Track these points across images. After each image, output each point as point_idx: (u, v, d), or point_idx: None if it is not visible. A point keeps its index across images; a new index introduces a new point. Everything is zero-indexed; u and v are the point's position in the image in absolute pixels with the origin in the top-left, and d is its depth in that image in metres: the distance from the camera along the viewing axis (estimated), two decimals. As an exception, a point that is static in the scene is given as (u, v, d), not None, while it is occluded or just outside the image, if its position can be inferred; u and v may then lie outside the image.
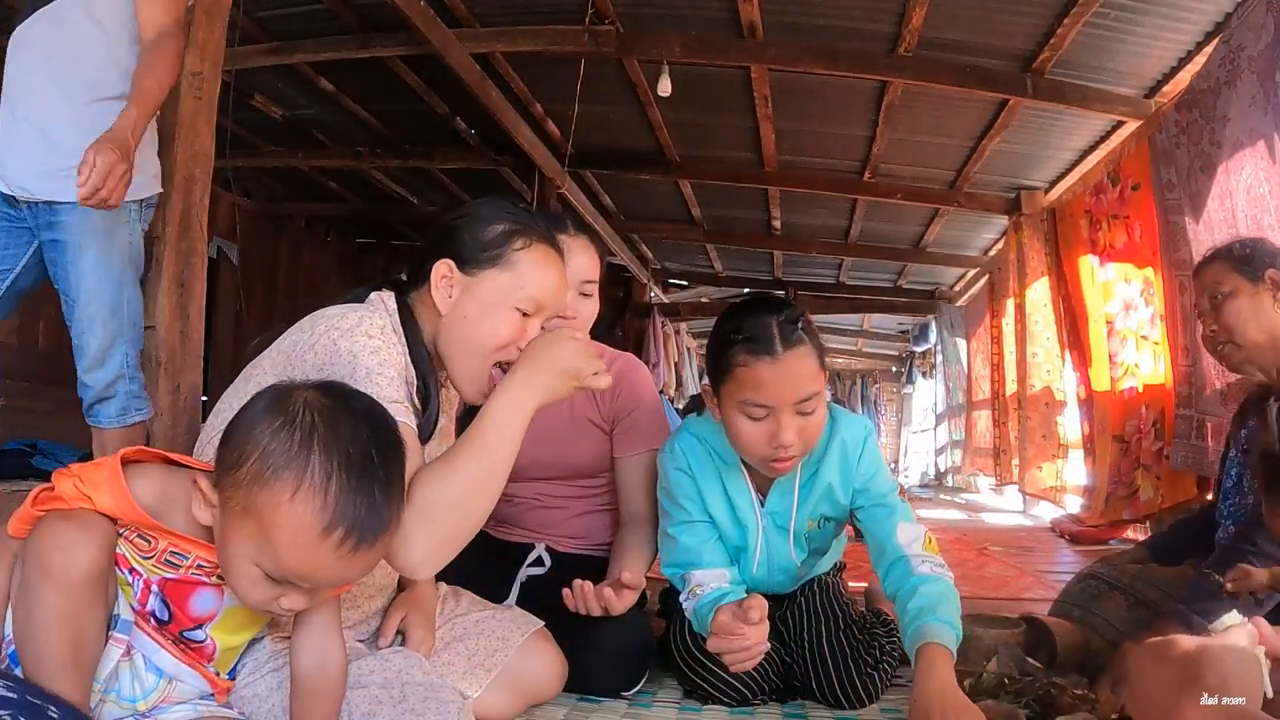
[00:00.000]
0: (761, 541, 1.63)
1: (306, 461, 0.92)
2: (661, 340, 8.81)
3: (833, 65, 3.90)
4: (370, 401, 1.02)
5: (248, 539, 0.93)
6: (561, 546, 1.84)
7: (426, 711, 1.15)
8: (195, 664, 1.05)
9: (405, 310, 1.28)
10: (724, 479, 1.62)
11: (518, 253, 1.27)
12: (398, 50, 4.00)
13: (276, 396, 0.97)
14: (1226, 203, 3.07)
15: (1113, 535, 4.41)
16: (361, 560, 0.95)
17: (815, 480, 1.61)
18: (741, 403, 1.44)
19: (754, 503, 1.63)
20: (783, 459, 1.46)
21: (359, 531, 0.93)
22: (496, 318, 1.26)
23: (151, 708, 1.02)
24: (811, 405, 1.44)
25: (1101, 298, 4.51)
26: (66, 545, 0.91)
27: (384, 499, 0.95)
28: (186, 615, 1.03)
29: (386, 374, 1.15)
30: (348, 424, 0.95)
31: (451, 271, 1.26)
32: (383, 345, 1.18)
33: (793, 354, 1.41)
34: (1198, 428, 3.41)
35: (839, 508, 1.63)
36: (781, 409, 1.41)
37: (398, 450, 1.00)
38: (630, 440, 1.78)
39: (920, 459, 12.51)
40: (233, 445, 0.95)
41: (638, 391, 1.80)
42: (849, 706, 1.56)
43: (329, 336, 1.16)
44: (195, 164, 2.19)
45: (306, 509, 0.91)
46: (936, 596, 1.40)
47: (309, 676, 1.06)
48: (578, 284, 1.67)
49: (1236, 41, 2.88)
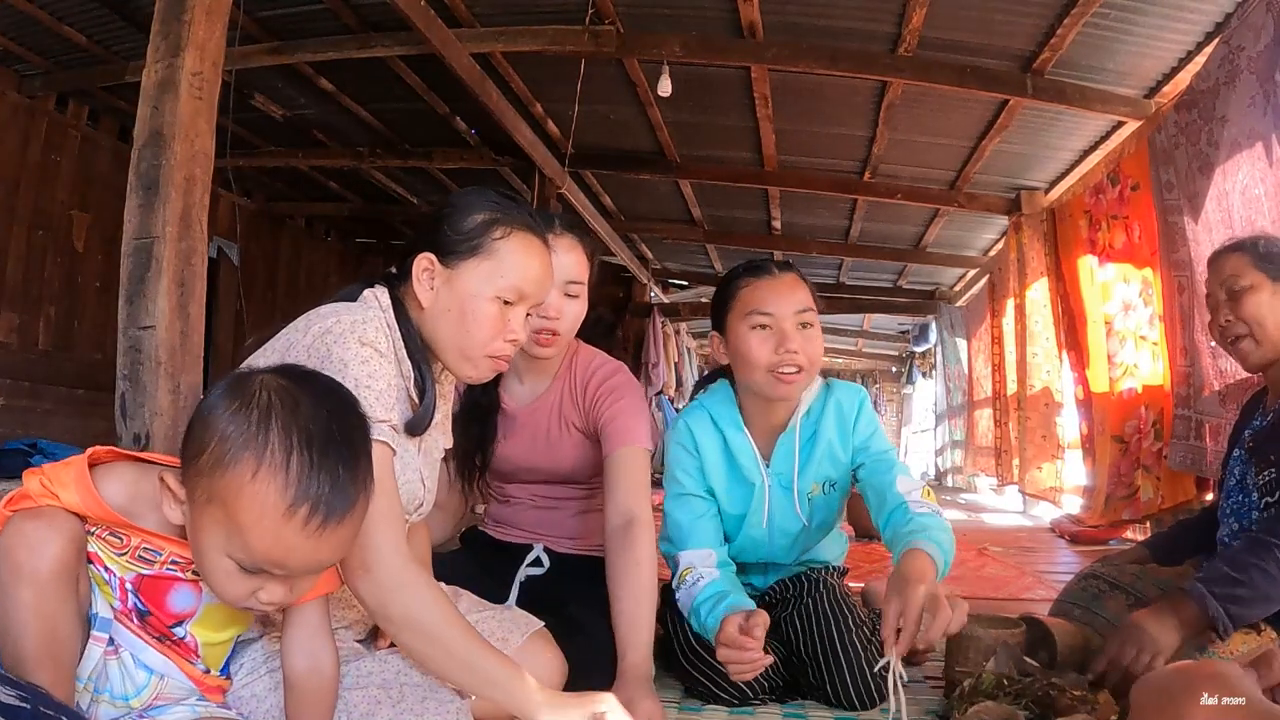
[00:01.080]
0: (767, 500, 1.68)
1: (266, 440, 0.91)
2: (661, 340, 8.81)
3: (833, 65, 3.90)
4: (331, 382, 1.01)
5: (216, 528, 0.92)
6: (559, 547, 1.84)
7: (425, 712, 1.15)
8: (180, 660, 1.05)
9: (398, 305, 1.27)
10: (729, 443, 1.70)
11: (497, 241, 1.26)
12: (398, 50, 4.00)
13: (234, 382, 0.96)
14: (1224, 203, 3.07)
15: (1113, 535, 4.41)
16: (331, 540, 0.94)
17: (815, 440, 1.68)
18: (747, 316, 1.60)
19: (758, 463, 1.69)
20: (788, 373, 1.58)
21: (325, 508, 0.92)
22: (478, 308, 1.24)
23: (146, 706, 1.02)
24: (810, 318, 1.62)
25: (1100, 298, 4.51)
26: (33, 542, 0.91)
27: (349, 476, 0.94)
28: (165, 612, 1.03)
29: (375, 387, 1.15)
30: (307, 402, 0.95)
31: (433, 264, 1.25)
32: (373, 355, 1.17)
33: (788, 275, 1.65)
34: (1196, 428, 3.41)
35: (841, 467, 1.69)
36: (784, 318, 1.60)
37: (361, 429, 0.99)
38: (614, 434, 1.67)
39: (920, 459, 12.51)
40: (193, 435, 0.95)
41: (618, 391, 1.73)
42: (861, 707, 1.56)
43: (323, 341, 1.15)
44: (195, 164, 2.19)
45: (269, 488, 0.90)
46: (932, 525, 1.47)
47: (302, 677, 1.07)
48: (562, 284, 1.65)
49: (1236, 42, 2.88)
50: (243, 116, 4.55)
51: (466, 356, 1.27)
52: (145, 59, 2.19)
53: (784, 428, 1.71)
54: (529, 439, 1.80)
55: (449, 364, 1.29)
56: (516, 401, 1.82)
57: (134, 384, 2.09)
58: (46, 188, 4.75)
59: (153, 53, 2.18)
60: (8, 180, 4.51)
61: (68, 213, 4.88)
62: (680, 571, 1.64)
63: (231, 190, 5.39)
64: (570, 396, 1.78)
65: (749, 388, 1.68)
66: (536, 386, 1.81)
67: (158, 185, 2.13)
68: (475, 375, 1.29)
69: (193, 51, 2.17)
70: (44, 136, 4.71)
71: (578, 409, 1.77)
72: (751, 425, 1.72)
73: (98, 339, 5.06)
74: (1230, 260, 1.69)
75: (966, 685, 1.44)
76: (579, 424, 1.77)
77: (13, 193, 4.54)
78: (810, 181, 5.65)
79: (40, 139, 4.69)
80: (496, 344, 1.26)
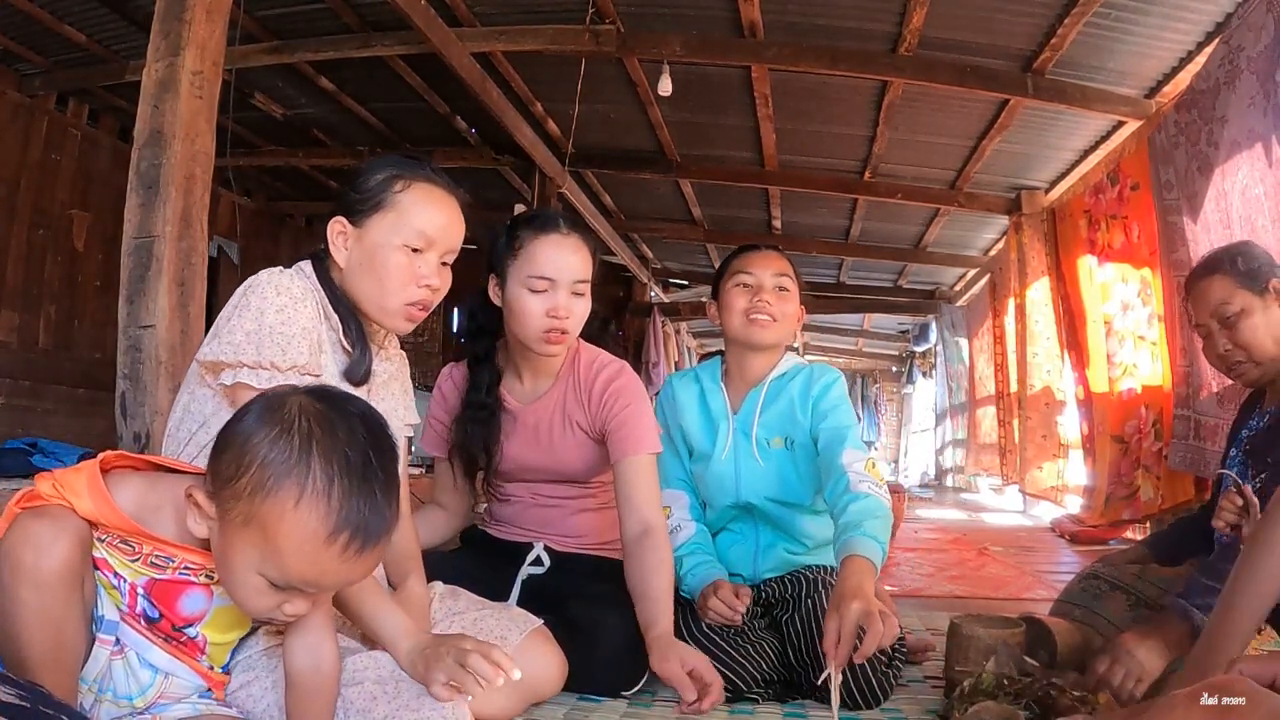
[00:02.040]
0: (730, 438, 1.89)
1: (308, 468, 0.92)
2: (661, 340, 8.81)
3: (833, 65, 3.90)
4: (362, 405, 1.02)
5: (251, 549, 0.93)
6: (560, 546, 1.84)
7: (421, 707, 1.16)
8: (188, 659, 1.05)
9: (322, 272, 1.35)
10: (707, 397, 1.95)
11: (398, 194, 1.32)
12: (398, 49, 4.00)
13: (269, 406, 0.97)
14: (1222, 204, 3.07)
15: (1113, 535, 4.41)
16: (365, 561, 0.96)
17: (777, 399, 1.89)
18: (735, 274, 1.90)
19: (727, 410, 1.93)
20: (760, 319, 1.85)
21: (364, 534, 0.93)
22: (387, 258, 1.31)
23: (149, 704, 1.03)
24: (786, 284, 1.89)
25: (1100, 298, 4.51)
26: (38, 543, 0.90)
27: (385, 499, 0.96)
28: (176, 615, 1.03)
29: (288, 332, 1.22)
30: (344, 427, 0.96)
31: (344, 226, 1.33)
32: (289, 303, 1.24)
33: (773, 252, 1.95)
34: (1196, 428, 3.41)
35: (800, 428, 1.85)
36: (763, 278, 1.88)
37: (393, 449, 1.01)
38: (625, 443, 1.70)
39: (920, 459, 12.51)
40: (229, 457, 0.94)
41: (624, 396, 1.74)
42: (864, 706, 1.56)
43: (244, 294, 1.24)
44: (195, 163, 2.19)
45: (311, 515, 0.91)
46: (865, 513, 1.59)
47: (304, 675, 1.07)
48: (570, 283, 1.66)
49: (1236, 42, 2.88)
50: (243, 116, 4.56)
51: (384, 307, 1.33)
52: (145, 58, 2.19)
53: (757, 384, 1.92)
54: (531, 437, 1.80)
55: (372, 317, 1.36)
56: (519, 400, 1.82)
57: (134, 383, 2.09)
58: (46, 187, 4.74)
59: (153, 52, 2.18)
60: (8, 180, 4.50)
61: (68, 212, 4.88)
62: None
63: (232, 189, 5.38)
64: (574, 395, 1.78)
65: (732, 339, 1.92)
66: (539, 385, 1.81)
67: (158, 184, 2.13)
68: (396, 325, 1.36)
69: (193, 51, 2.17)
70: (44, 136, 4.71)
71: (583, 409, 1.77)
72: (731, 382, 1.96)
73: (98, 338, 5.06)
74: (1214, 286, 1.66)
75: (966, 685, 1.44)
76: (583, 424, 1.77)
77: (13, 192, 4.54)
78: (810, 181, 5.65)
79: (40, 138, 4.69)
80: (410, 290, 1.33)
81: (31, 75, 4.54)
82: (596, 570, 1.79)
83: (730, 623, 1.65)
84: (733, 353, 1.96)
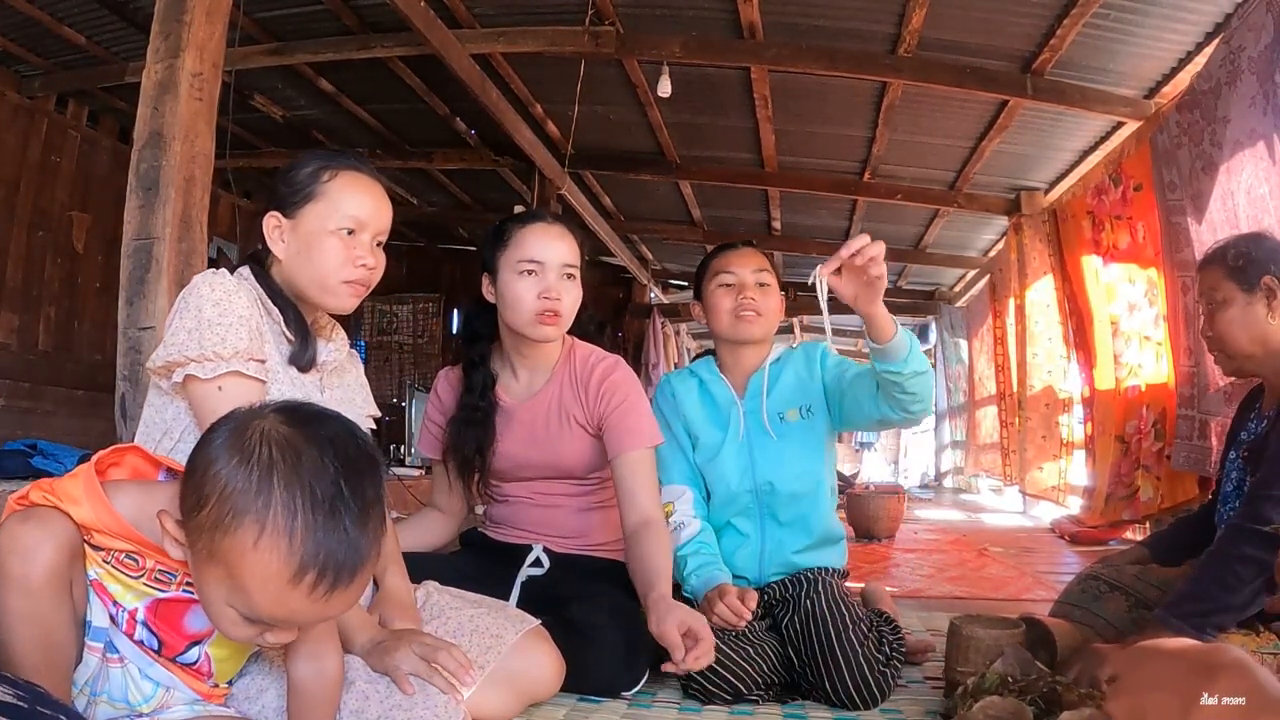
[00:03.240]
0: (742, 421, 1.92)
1: (267, 503, 0.85)
2: (661, 341, 8.80)
3: (832, 66, 3.90)
4: (340, 424, 0.95)
5: (218, 584, 0.88)
6: (559, 547, 1.83)
7: (414, 707, 1.15)
8: (191, 679, 1.04)
9: (261, 270, 1.40)
10: (705, 384, 1.98)
11: (326, 184, 1.38)
12: (398, 51, 4.00)
13: (234, 429, 0.90)
14: (1228, 203, 3.07)
15: (1112, 536, 4.40)
16: (341, 599, 0.89)
17: (780, 377, 1.94)
18: (717, 275, 1.93)
19: (733, 396, 1.96)
20: (747, 315, 1.89)
21: (333, 573, 0.86)
22: (321, 242, 1.36)
23: (154, 709, 1.03)
24: (766, 279, 1.93)
25: (1105, 298, 4.51)
26: (23, 548, 0.89)
27: (359, 530, 0.88)
28: (181, 634, 1.01)
29: (226, 322, 1.25)
30: (311, 454, 0.88)
31: (279, 220, 1.38)
32: (225, 296, 1.27)
33: (749, 249, 1.99)
34: (1200, 428, 3.41)
35: (813, 392, 1.92)
36: (744, 276, 1.91)
37: (372, 472, 0.93)
38: (622, 438, 1.73)
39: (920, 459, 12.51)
40: (192, 485, 0.89)
41: (621, 389, 1.76)
42: (862, 706, 1.56)
43: (182, 297, 1.29)
44: (195, 164, 2.19)
45: (272, 556, 0.84)
46: None
47: (306, 680, 1.06)
48: (558, 265, 1.72)
49: (1236, 42, 2.88)
50: (243, 117, 4.56)
51: (324, 287, 1.38)
52: (145, 60, 2.19)
53: (755, 372, 1.96)
54: (528, 434, 1.80)
55: (315, 299, 1.40)
56: (514, 398, 1.83)
57: (134, 385, 2.09)
58: (46, 188, 4.75)
59: (153, 53, 2.18)
60: (8, 181, 4.51)
61: (67, 213, 4.88)
62: (662, 506, 1.79)
63: (231, 191, 5.39)
64: (571, 389, 1.80)
65: (722, 338, 1.96)
66: (535, 382, 1.83)
67: (158, 186, 2.13)
68: (339, 303, 1.40)
69: (193, 52, 2.17)
70: (44, 137, 4.72)
71: (579, 402, 1.78)
72: (729, 373, 1.99)
73: (98, 340, 5.06)
74: (1209, 272, 1.70)
75: (970, 684, 1.44)
76: (580, 418, 1.78)
77: (13, 193, 4.54)
78: (810, 182, 5.65)
79: (40, 139, 4.70)
80: (347, 270, 1.38)
81: (31, 76, 4.54)
82: (596, 571, 1.79)
83: (734, 627, 1.64)
84: (725, 349, 1.99)
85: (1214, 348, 1.72)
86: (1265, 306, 1.61)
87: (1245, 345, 1.64)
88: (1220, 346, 1.69)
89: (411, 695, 1.17)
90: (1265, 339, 1.62)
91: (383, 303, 7.99)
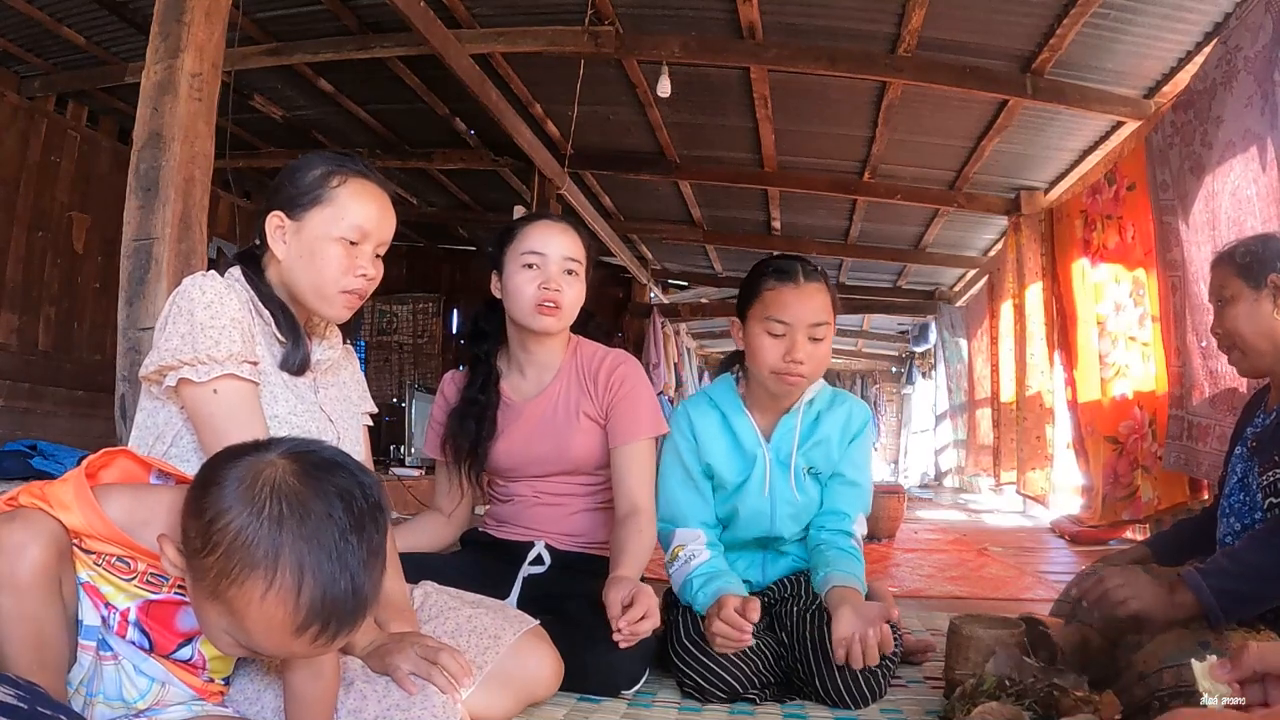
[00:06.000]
0: (768, 471, 1.78)
1: (276, 560, 0.86)
2: (661, 341, 8.80)
3: (832, 66, 3.90)
4: (345, 470, 0.94)
5: (220, 616, 0.89)
6: (560, 545, 1.84)
7: (411, 707, 1.15)
8: (186, 675, 1.04)
9: (255, 270, 1.40)
10: (728, 419, 1.81)
11: (335, 189, 1.37)
12: (397, 51, 4.00)
13: (242, 479, 0.89)
14: (1211, 204, 3.07)
15: (1112, 536, 4.41)
16: (341, 641, 0.92)
17: (817, 427, 1.80)
18: (765, 319, 1.70)
19: (759, 439, 1.80)
20: (792, 375, 1.69)
21: (336, 624, 0.89)
22: (325, 249, 1.36)
23: (149, 706, 1.03)
24: (822, 333, 1.70)
25: (1092, 298, 4.52)
26: (10, 548, 0.89)
27: (363, 579, 0.90)
28: (173, 632, 1.01)
29: (218, 324, 1.26)
30: (319, 507, 0.89)
31: (283, 220, 1.37)
32: (215, 299, 1.27)
33: (811, 285, 1.71)
34: (1189, 429, 3.41)
35: (829, 462, 1.80)
36: (798, 329, 1.68)
37: (378, 518, 0.94)
38: (623, 428, 1.78)
39: (920, 459, 12.50)
40: (197, 528, 0.89)
41: (629, 381, 1.81)
42: (854, 706, 1.56)
43: (173, 300, 1.29)
44: (195, 165, 2.19)
45: (278, 610, 0.86)
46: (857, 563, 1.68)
47: (303, 682, 1.06)
48: (560, 259, 1.76)
49: (1234, 42, 2.88)
50: (242, 117, 4.56)
51: (322, 295, 1.38)
52: (145, 60, 2.19)
53: (786, 412, 1.82)
54: (536, 430, 1.82)
55: (310, 305, 1.40)
56: (521, 395, 1.85)
57: (134, 385, 2.09)
58: (46, 189, 4.75)
59: (152, 54, 2.18)
60: (8, 181, 4.51)
61: (67, 214, 4.88)
62: (673, 548, 1.76)
63: (231, 191, 5.39)
64: (579, 384, 1.83)
65: (758, 382, 1.79)
66: (541, 379, 1.85)
67: (157, 186, 2.13)
68: (333, 313, 1.40)
69: (192, 53, 2.17)
70: (44, 137, 4.71)
71: (589, 395, 1.82)
72: (756, 407, 1.83)
73: (97, 340, 5.06)
74: (1218, 270, 1.73)
75: (968, 685, 1.44)
76: (590, 410, 1.81)
77: (12, 193, 4.54)
78: (810, 182, 5.65)
79: (40, 140, 4.69)
80: (347, 280, 1.37)
81: (31, 77, 4.54)
82: (597, 570, 1.79)
83: (739, 644, 1.56)
84: (759, 387, 1.82)
85: (1225, 345, 1.73)
86: (1272, 303, 1.63)
87: (1253, 340, 1.66)
88: (1230, 343, 1.70)
89: (413, 695, 1.17)
90: (1272, 335, 1.64)
91: (382, 303, 7.98)
